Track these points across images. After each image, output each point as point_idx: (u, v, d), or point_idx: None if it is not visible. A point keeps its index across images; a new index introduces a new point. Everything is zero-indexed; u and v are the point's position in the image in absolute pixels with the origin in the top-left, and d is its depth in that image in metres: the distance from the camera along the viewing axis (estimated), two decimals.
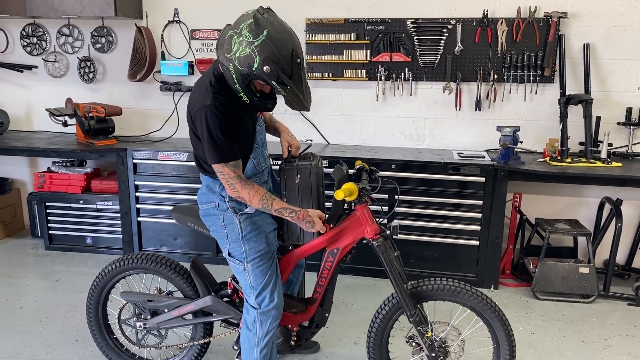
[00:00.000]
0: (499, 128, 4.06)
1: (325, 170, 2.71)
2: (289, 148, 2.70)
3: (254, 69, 2.14)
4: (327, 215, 2.57)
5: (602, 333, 3.57)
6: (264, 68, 2.13)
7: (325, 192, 2.67)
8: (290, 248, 2.62)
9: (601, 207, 4.31)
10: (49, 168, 5.00)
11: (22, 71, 5.17)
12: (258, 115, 2.52)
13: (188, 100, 2.39)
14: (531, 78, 4.31)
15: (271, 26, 2.14)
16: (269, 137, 2.73)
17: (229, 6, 4.70)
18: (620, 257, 4.41)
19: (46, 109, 4.75)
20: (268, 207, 2.38)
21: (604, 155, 4.08)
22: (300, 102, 2.26)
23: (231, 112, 2.28)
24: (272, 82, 2.18)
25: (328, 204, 2.62)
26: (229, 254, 2.54)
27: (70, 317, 3.70)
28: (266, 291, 2.49)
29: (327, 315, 2.76)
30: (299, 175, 2.58)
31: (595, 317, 3.78)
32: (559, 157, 4.08)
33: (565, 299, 4.01)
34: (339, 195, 2.38)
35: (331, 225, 2.55)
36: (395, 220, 3.27)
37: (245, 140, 2.42)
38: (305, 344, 3.09)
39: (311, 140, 4.78)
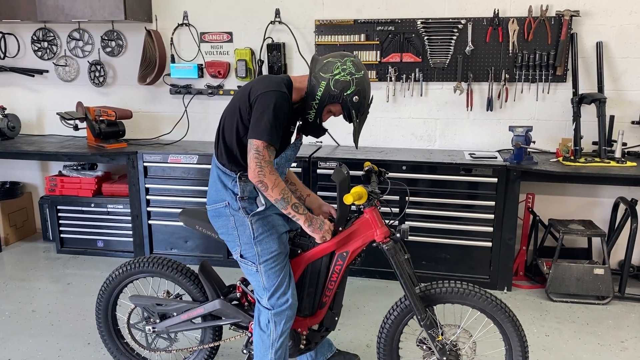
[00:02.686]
0: (511, 128, 4.02)
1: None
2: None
3: (345, 94, 2.39)
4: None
5: (618, 335, 3.51)
6: (354, 97, 2.40)
7: (332, 194, 2.65)
8: (299, 252, 2.60)
9: (616, 207, 4.25)
10: (60, 172, 5.02)
11: (34, 75, 5.21)
12: (297, 137, 2.62)
13: (253, 82, 2.47)
14: (543, 77, 4.27)
15: (365, 71, 2.46)
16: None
17: (237, 9, 4.71)
18: (636, 258, 4.35)
19: (57, 113, 4.78)
20: (287, 199, 2.39)
21: (618, 154, 4.03)
22: (357, 137, 2.51)
23: (288, 112, 2.42)
24: (353, 110, 2.43)
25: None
26: (241, 256, 2.53)
27: (82, 321, 3.71)
28: (279, 292, 2.48)
29: (336, 319, 2.73)
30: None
31: (611, 319, 3.73)
32: (572, 157, 4.03)
33: (579, 301, 3.96)
34: (348, 199, 2.35)
35: (340, 229, 2.53)
36: (405, 223, 3.25)
37: (280, 146, 2.48)
38: (345, 356, 3.07)
39: (321, 143, 4.76)
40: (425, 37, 4.39)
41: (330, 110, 2.47)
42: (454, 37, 4.34)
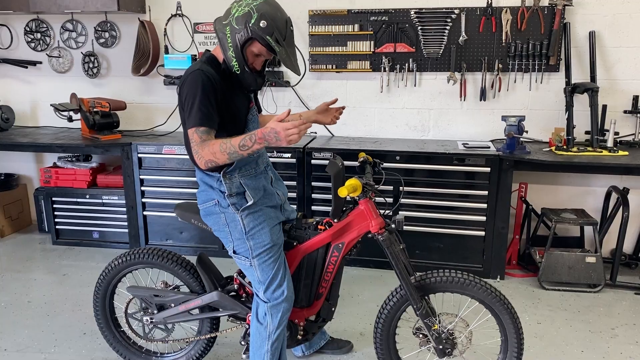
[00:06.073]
0: (504, 118, 4.04)
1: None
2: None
3: (250, 24, 2.22)
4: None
5: (609, 322, 3.56)
6: (261, 23, 2.22)
7: (326, 184, 2.66)
8: (295, 244, 2.62)
9: (608, 196, 4.29)
10: (54, 163, 5.01)
11: (27, 67, 5.18)
12: (251, 105, 2.51)
13: None
14: (536, 67, 4.28)
15: None
16: None
17: None
18: (627, 246, 4.39)
19: (51, 105, 4.76)
20: (231, 149, 2.20)
21: (610, 144, 4.07)
22: (292, 63, 2.33)
23: (218, 85, 2.29)
24: (267, 37, 2.23)
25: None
26: (234, 252, 2.54)
27: (78, 311, 3.73)
28: (274, 284, 2.49)
29: (333, 309, 2.76)
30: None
31: (602, 307, 3.77)
32: (564, 147, 4.06)
33: (571, 289, 4.00)
34: (342, 192, 2.35)
35: (335, 220, 2.55)
36: (400, 213, 3.27)
37: (233, 121, 2.40)
38: (338, 343, 3.09)
39: (315, 133, 4.77)
40: (419, 27, 4.39)
41: (253, 52, 2.31)
42: (448, 27, 4.35)
